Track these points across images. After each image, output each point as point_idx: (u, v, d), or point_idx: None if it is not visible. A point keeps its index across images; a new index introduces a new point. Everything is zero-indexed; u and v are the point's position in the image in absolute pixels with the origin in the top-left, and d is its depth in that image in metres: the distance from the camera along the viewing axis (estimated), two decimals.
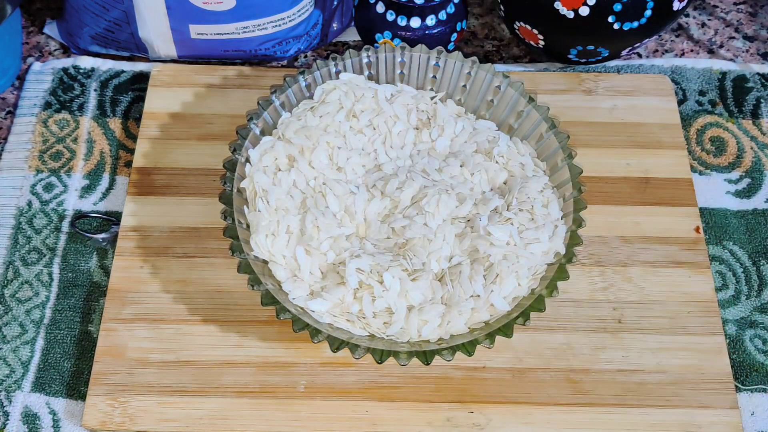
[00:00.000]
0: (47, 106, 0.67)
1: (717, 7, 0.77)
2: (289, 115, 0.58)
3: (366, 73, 0.61)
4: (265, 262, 0.53)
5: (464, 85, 0.60)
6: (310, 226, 0.53)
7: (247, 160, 0.56)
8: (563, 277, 0.51)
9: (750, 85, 0.70)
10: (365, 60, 0.60)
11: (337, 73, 0.60)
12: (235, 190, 0.54)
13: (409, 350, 0.49)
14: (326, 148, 0.56)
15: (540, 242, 0.52)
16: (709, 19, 0.76)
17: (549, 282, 0.51)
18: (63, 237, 0.61)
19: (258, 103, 0.58)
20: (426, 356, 0.49)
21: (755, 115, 0.69)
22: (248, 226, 0.54)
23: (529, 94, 0.59)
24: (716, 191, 0.65)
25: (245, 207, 0.54)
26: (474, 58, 0.60)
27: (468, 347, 0.49)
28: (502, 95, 0.59)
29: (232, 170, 0.55)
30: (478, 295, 0.51)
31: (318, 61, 0.60)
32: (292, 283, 0.52)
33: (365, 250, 0.53)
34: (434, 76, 0.61)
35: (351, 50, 0.60)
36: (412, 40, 0.67)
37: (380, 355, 0.49)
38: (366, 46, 0.61)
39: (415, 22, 0.67)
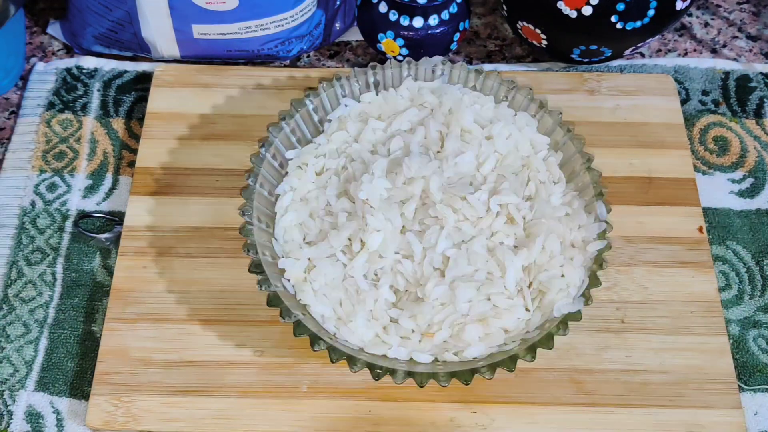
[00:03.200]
0: (50, 106, 0.67)
1: (720, 6, 0.77)
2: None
3: (373, 91, 0.61)
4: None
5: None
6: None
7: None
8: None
9: (753, 84, 0.70)
10: (371, 79, 0.60)
11: (343, 96, 0.60)
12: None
13: (449, 371, 0.49)
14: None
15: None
16: (712, 19, 0.76)
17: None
18: (66, 237, 0.61)
19: (267, 127, 0.57)
20: (466, 376, 0.49)
21: (758, 114, 0.69)
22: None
23: (567, 125, 0.58)
24: (719, 191, 0.64)
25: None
26: (478, 93, 0.60)
27: (508, 363, 0.49)
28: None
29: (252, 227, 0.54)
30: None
31: (324, 83, 0.59)
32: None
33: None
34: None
35: (356, 69, 0.60)
36: (415, 40, 0.67)
37: (421, 379, 0.49)
38: (372, 64, 0.60)
39: (418, 22, 0.66)
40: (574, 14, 0.63)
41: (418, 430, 0.53)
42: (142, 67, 0.70)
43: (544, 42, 0.67)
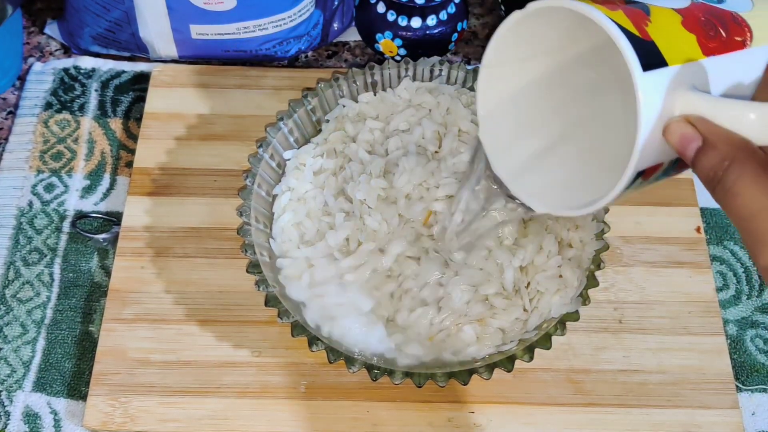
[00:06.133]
0: (48, 106, 0.67)
1: None
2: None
3: (370, 91, 0.60)
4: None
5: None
6: None
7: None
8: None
9: None
10: (369, 79, 0.60)
11: (340, 96, 0.60)
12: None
13: (447, 371, 0.49)
14: None
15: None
16: None
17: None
18: (64, 237, 0.61)
19: (265, 128, 0.57)
20: (464, 376, 0.49)
21: None
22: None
23: None
24: None
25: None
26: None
27: (506, 363, 0.49)
28: None
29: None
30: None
31: (322, 83, 0.59)
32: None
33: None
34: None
35: (354, 69, 0.60)
36: (413, 40, 0.67)
37: (419, 379, 0.49)
38: (370, 64, 0.60)
39: (416, 22, 0.66)
40: None
41: (416, 431, 0.53)
42: (140, 67, 0.70)
43: None
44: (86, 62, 0.70)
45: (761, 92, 0.33)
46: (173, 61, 0.70)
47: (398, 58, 0.68)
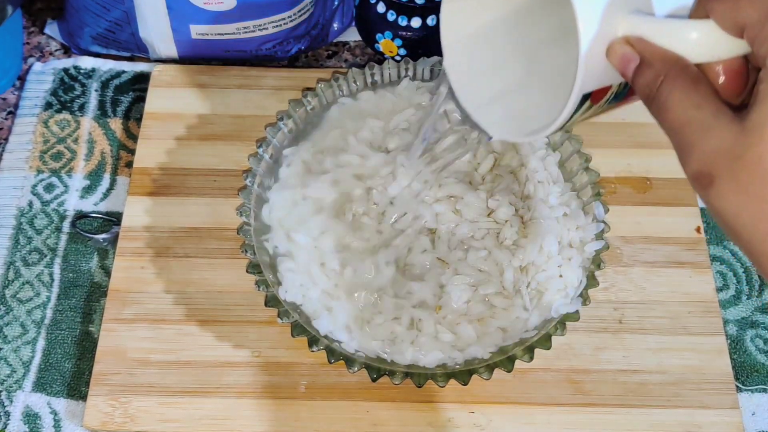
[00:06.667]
0: (48, 106, 0.67)
1: None
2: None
3: (370, 91, 0.60)
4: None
5: None
6: None
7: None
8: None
9: None
10: (369, 79, 0.60)
11: (340, 96, 0.60)
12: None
13: (447, 371, 0.49)
14: None
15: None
16: None
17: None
18: (64, 237, 0.61)
19: (265, 127, 0.57)
20: (464, 376, 0.49)
21: None
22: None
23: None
24: None
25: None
26: None
27: (506, 363, 0.49)
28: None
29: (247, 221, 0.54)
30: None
31: (322, 83, 0.59)
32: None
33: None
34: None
35: (354, 69, 0.59)
36: (413, 40, 0.67)
37: (419, 379, 0.49)
38: (370, 64, 0.60)
39: (416, 22, 0.66)
40: None
41: (416, 431, 0.53)
42: (140, 67, 0.70)
43: None
44: (86, 62, 0.70)
45: (697, 10, 0.34)
46: (173, 61, 0.70)
47: (398, 58, 0.68)
